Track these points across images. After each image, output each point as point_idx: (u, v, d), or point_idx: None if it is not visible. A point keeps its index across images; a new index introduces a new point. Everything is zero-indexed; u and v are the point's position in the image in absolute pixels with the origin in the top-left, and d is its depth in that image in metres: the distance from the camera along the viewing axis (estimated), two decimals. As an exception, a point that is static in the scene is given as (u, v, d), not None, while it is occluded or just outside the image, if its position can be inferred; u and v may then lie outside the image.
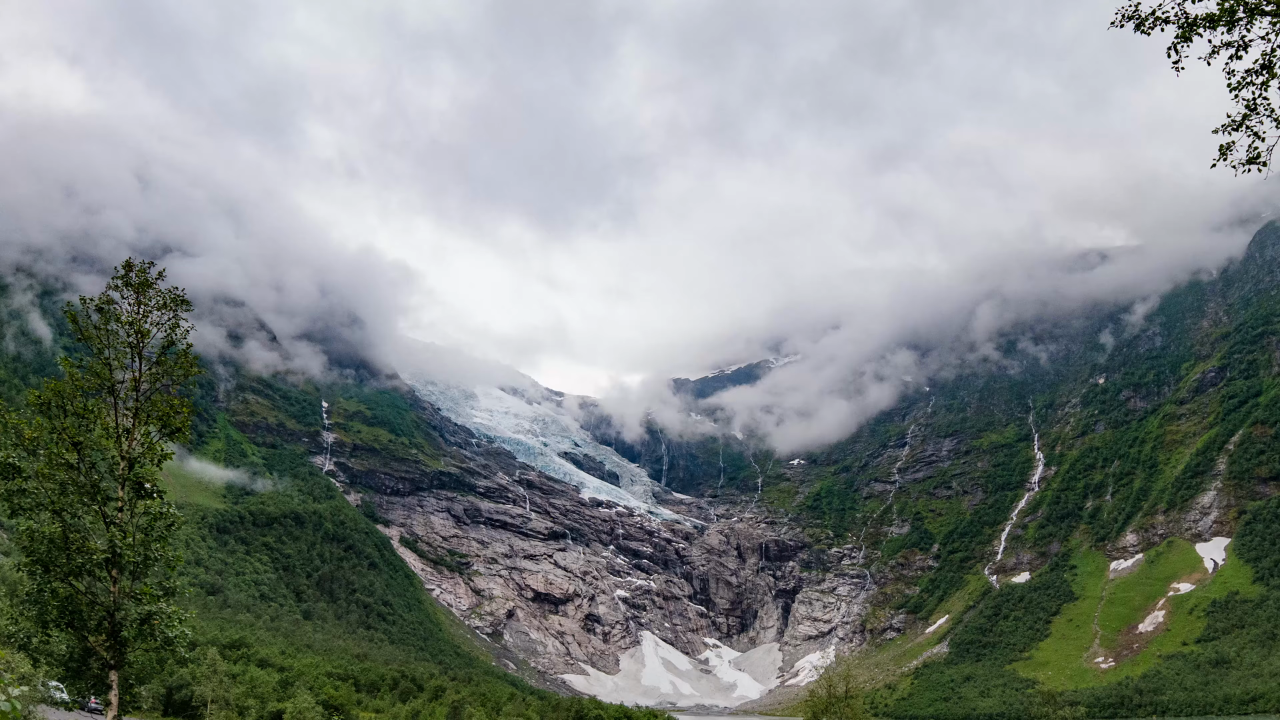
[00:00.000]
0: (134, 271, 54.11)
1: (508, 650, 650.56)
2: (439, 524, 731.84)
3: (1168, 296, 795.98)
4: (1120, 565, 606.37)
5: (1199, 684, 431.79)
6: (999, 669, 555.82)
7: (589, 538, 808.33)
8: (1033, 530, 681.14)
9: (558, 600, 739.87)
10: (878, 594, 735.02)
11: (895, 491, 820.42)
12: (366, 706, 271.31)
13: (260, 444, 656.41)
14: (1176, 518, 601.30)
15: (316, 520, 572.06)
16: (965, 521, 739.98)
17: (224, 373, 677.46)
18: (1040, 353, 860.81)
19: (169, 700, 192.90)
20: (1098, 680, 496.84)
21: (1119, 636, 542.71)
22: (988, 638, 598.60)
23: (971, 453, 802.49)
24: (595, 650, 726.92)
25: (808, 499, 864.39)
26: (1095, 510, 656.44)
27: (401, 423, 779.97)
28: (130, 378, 53.40)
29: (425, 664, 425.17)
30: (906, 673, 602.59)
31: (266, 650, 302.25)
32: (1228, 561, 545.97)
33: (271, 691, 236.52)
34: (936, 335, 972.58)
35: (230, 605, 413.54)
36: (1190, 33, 31.04)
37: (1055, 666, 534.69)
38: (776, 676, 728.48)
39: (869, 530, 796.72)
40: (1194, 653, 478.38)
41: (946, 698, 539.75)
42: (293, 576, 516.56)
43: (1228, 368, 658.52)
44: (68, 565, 50.86)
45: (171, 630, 52.91)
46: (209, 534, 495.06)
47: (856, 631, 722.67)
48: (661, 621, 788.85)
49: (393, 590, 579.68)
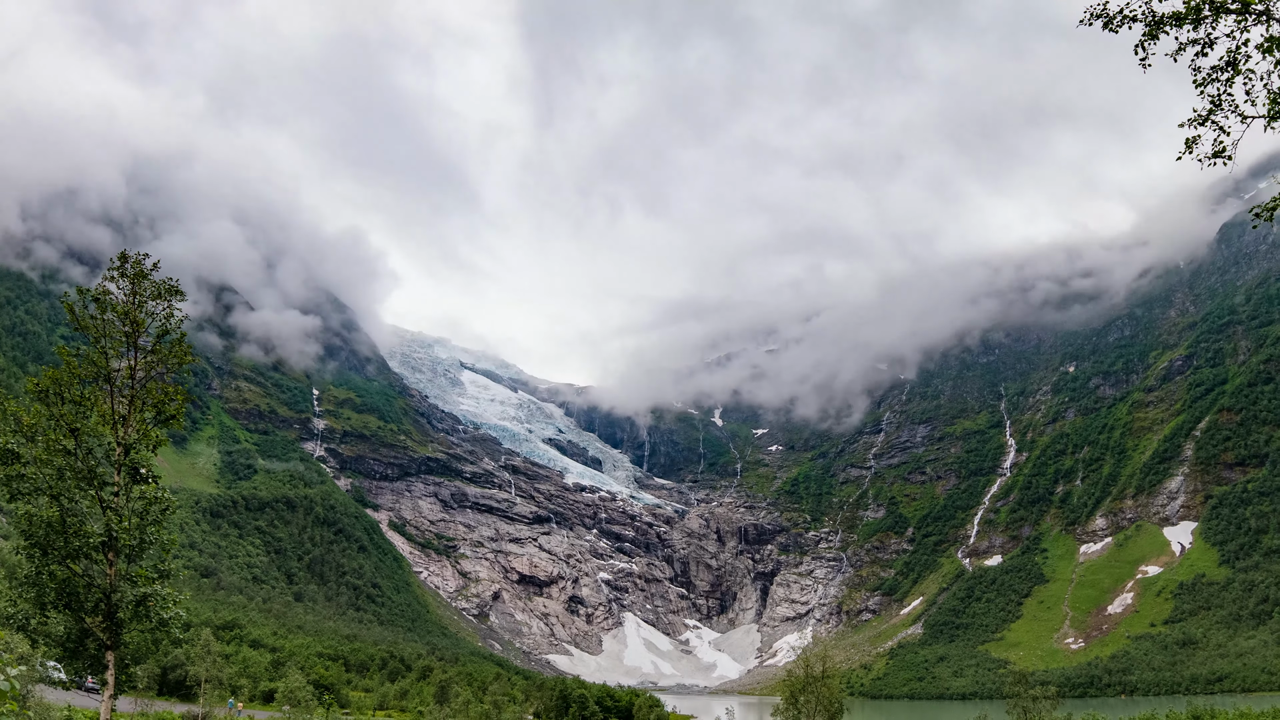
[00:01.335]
0: (129, 263, 54.20)
1: (493, 631, 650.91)
2: (427, 508, 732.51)
3: (1136, 287, 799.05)
4: (1090, 548, 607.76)
5: (1166, 664, 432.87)
6: (972, 649, 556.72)
7: (573, 522, 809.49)
8: (1005, 514, 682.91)
9: (542, 582, 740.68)
10: (854, 576, 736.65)
11: (871, 477, 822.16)
12: (356, 686, 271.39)
13: (253, 430, 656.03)
14: (1144, 502, 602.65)
15: (307, 505, 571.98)
16: (939, 506, 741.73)
17: (217, 361, 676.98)
18: (1012, 342, 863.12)
19: (164, 680, 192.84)
20: (1068, 660, 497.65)
21: (1088, 618, 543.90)
22: (961, 619, 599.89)
23: (945, 439, 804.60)
24: (579, 631, 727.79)
25: (785, 484, 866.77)
26: (1065, 495, 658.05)
27: (390, 410, 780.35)
28: (126, 366, 53.49)
29: (413, 644, 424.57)
30: (882, 653, 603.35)
31: (259, 631, 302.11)
32: (1194, 545, 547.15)
33: (264, 671, 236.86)
34: (912, 325, 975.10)
35: (223, 587, 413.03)
36: (1157, 30, 31.20)
37: (1026, 647, 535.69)
38: (755, 657, 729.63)
39: (845, 514, 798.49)
40: (1162, 634, 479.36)
41: (921, 677, 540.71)
42: (284, 559, 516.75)
43: (1194, 356, 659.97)
44: (65, 548, 50.93)
45: (166, 612, 53.02)
46: (203, 518, 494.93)
47: (833, 613, 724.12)
48: (643, 603, 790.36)
49: (382, 573, 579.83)
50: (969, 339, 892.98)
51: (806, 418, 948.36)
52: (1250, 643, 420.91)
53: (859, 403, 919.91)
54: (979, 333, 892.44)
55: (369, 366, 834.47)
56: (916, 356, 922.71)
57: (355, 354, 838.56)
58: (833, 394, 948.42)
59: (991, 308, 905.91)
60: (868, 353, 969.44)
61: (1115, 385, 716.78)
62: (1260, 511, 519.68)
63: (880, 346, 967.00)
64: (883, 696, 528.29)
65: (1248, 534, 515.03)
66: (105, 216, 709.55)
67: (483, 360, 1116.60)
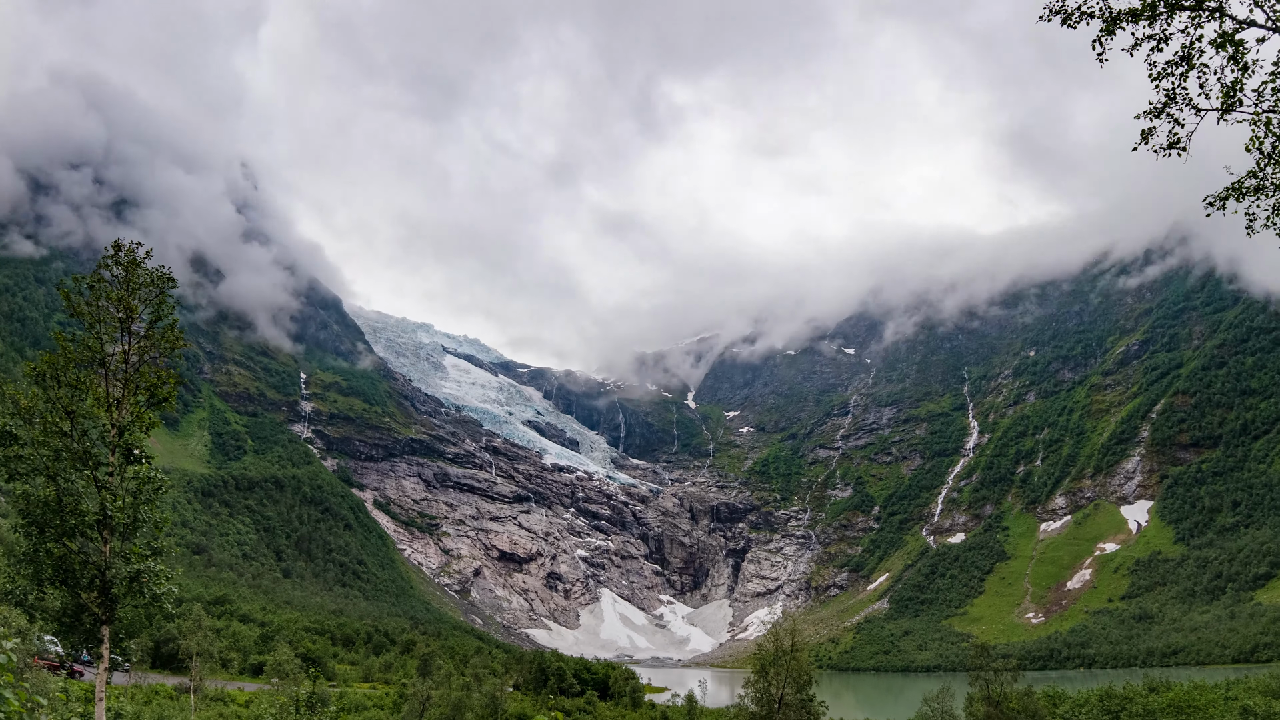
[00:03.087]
0: (123, 251, 54.16)
1: (475, 606, 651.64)
2: (410, 488, 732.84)
3: (1093, 272, 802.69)
4: (1050, 526, 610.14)
5: (1123, 638, 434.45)
6: (936, 624, 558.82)
7: (551, 501, 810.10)
8: (968, 494, 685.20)
9: (522, 559, 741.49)
10: (822, 553, 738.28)
11: (839, 457, 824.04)
12: (342, 659, 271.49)
13: (242, 413, 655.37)
14: (1102, 482, 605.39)
15: (295, 484, 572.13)
16: (904, 485, 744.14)
17: (208, 345, 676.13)
18: (975, 327, 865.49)
19: (157, 653, 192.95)
20: (1028, 634, 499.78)
21: (1048, 593, 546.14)
22: (925, 595, 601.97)
23: (910, 421, 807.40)
24: (557, 606, 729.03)
25: (756, 464, 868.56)
26: (1026, 475, 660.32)
27: (375, 392, 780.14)
28: (120, 351, 53.45)
29: (397, 619, 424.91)
30: (849, 627, 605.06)
31: (248, 606, 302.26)
32: (1150, 523, 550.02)
33: (253, 645, 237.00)
34: (879, 311, 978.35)
35: (214, 564, 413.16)
36: (1114, 26, 31.38)
37: (988, 621, 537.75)
38: (727, 631, 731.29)
39: (814, 493, 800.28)
40: (1119, 609, 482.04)
41: (886, 651, 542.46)
42: (273, 537, 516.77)
43: (1150, 341, 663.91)
44: (61, 527, 50.89)
45: (159, 588, 52.97)
46: (194, 497, 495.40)
47: (802, 589, 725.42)
48: (619, 579, 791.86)
49: (367, 550, 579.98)
50: (934, 325, 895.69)
51: (776, 400, 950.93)
52: (1204, 617, 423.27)
53: (827, 387, 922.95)
54: (943, 319, 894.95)
55: (354, 351, 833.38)
56: (883, 342, 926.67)
57: (341, 339, 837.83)
58: (801, 378, 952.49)
59: (955, 295, 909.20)
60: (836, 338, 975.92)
61: (1074, 369, 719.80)
62: (1214, 491, 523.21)
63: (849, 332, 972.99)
64: (850, 669, 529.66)
65: (1202, 512, 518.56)
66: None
67: (464, 345, 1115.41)
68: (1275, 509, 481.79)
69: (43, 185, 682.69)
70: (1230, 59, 29.99)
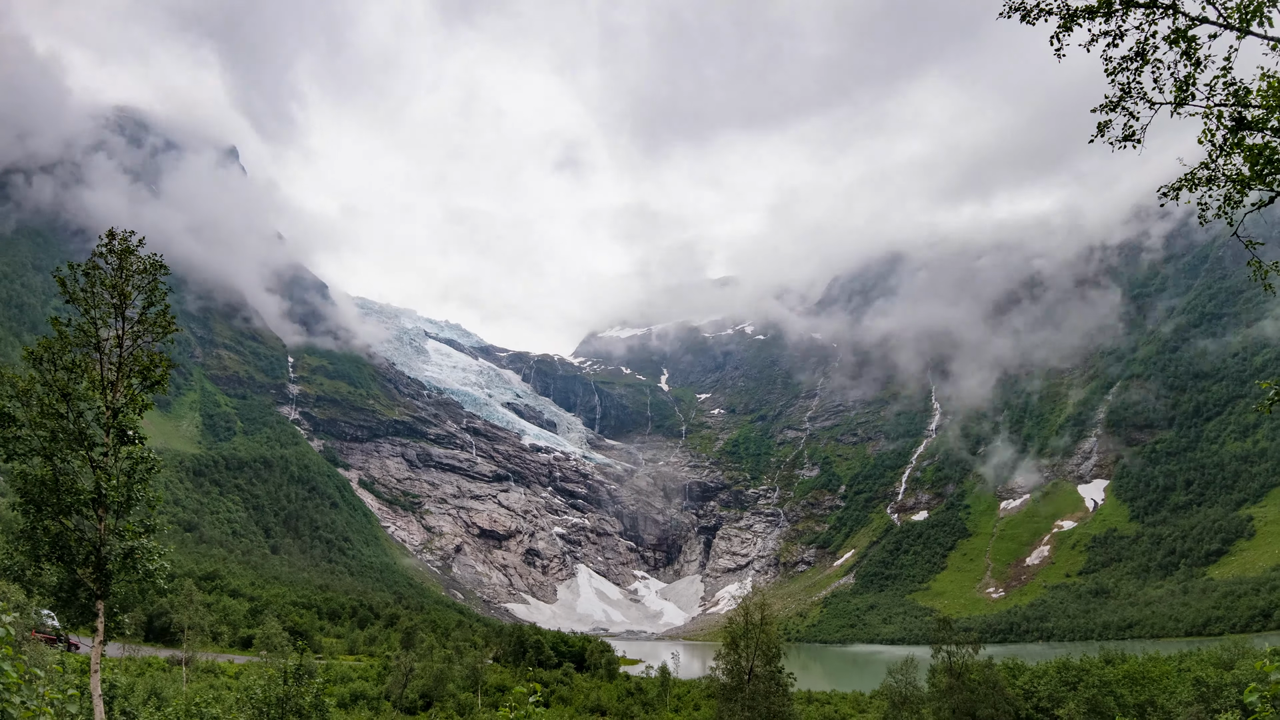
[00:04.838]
0: (116, 239, 54.12)
1: (456, 582, 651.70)
2: (394, 467, 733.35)
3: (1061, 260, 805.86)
4: (1010, 505, 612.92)
5: (1081, 612, 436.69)
6: (900, 598, 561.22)
7: (529, 480, 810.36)
8: (930, 473, 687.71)
9: (501, 536, 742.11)
10: (790, 531, 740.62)
11: (806, 438, 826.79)
12: (328, 633, 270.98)
13: (232, 395, 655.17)
14: (1060, 462, 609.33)
15: (283, 464, 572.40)
16: (870, 465, 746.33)
17: (199, 330, 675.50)
18: (940, 311, 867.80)
19: (150, 627, 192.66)
20: (989, 609, 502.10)
21: (1008, 569, 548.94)
22: (890, 570, 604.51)
23: (875, 403, 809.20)
24: (535, 581, 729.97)
25: (727, 445, 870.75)
26: (987, 455, 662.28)
27: (360, 376, 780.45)
28: (114, 335, 53.38)
29: (381, 594, 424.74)
30: (816, 602, 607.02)
31: (238, 582, 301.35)
32: (1106, 501, 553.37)
33: (242, 619, 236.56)
34: (845, 296, 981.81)
35: (205, 541, 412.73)
36: (1071, 23, 31.47)
37: (951, 596, 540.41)
38: (699, 605, 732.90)
39: (783, 473, 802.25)
40: (1076, 584, 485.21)
41: (853, 624, 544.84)
42: (262, 515, 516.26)
43: (1108, 326, 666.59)
44: (58, 505, 50.80)
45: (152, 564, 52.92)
46: (186, 477, 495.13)
47: (771, 565, 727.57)
48: (595, 556, 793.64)
49: (352, 528, 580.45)
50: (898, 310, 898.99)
51: (747, 383, 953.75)
52: (1158, 592, 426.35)
53: (795, 369, 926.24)
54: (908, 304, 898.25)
55: (340, 336, 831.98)
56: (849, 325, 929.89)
57: (328, 324, 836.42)
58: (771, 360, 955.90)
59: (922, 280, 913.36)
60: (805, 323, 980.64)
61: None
62: (1168, 470, 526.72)
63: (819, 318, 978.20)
64: (817, 642, 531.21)
65: (1156, 491, 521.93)
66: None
67: (446, 330, 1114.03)
68: (1226, 488, 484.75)
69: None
70: (1183, 54, 30.12)
